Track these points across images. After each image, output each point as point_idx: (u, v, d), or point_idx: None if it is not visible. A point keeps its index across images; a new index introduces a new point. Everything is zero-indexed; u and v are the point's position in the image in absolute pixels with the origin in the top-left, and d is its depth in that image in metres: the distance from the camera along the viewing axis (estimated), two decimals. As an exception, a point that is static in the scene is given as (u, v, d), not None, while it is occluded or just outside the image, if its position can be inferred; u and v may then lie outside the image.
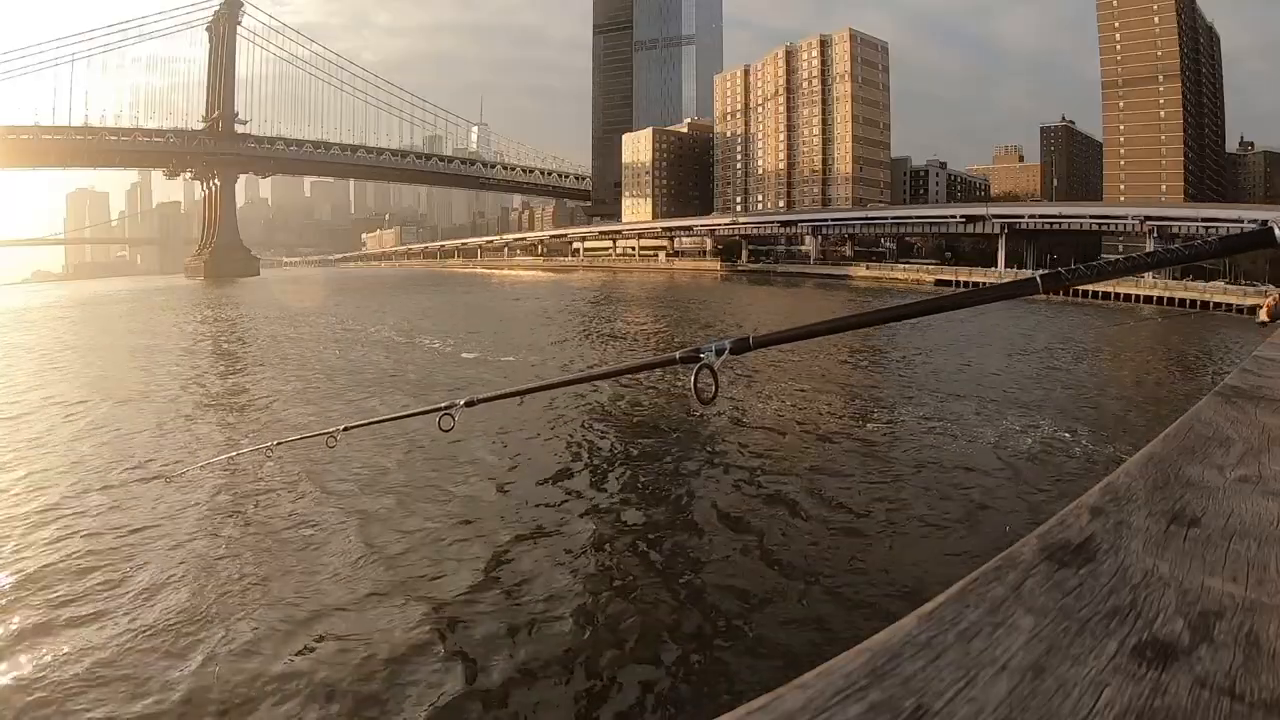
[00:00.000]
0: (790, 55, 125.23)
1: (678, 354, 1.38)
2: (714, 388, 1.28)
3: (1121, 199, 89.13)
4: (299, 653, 6.00)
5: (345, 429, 4.18)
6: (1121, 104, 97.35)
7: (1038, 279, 1.03)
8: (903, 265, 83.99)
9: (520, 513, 9.32)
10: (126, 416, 15.59)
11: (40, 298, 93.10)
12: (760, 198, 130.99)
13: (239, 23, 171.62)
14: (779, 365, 18.93)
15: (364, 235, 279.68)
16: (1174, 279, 51.33)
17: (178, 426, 14.62)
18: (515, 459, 11.54)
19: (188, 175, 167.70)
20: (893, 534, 8.57)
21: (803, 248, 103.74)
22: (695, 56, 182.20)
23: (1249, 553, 0.69)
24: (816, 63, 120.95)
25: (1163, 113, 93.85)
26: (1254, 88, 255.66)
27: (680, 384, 15.34)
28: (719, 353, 1.29)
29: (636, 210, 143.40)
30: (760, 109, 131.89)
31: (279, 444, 6.49)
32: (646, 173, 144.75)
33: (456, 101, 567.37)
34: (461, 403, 2.63)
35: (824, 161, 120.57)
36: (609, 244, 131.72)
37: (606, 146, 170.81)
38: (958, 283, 68.69)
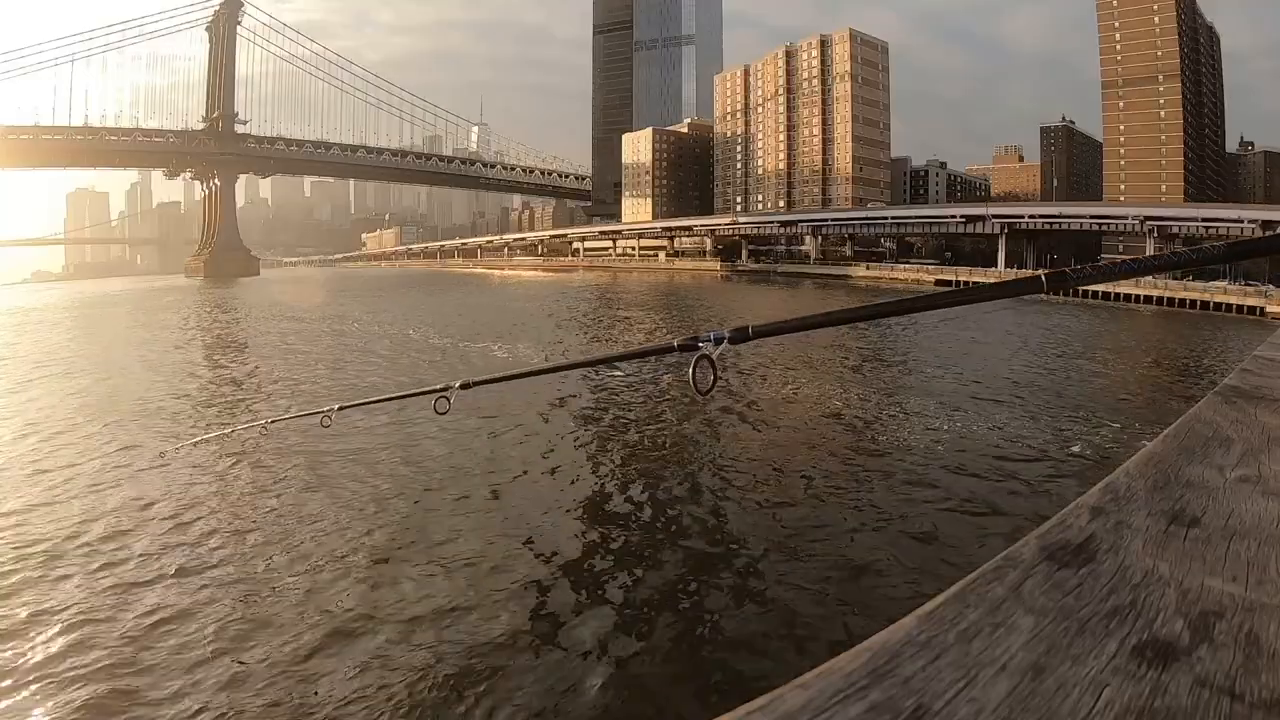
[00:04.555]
0: (790, 55, 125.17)
1: (676, 342, 1.35)
2: (712, 377, 1.25)
3: (1121, 199, 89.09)
4: (266, 635, 6.06)
5: (340, 408, 4.10)
6: (1121, 104, 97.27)
7: (1042, 277, 1.02)
8: (903, 265, 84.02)
9: (511, 498, 9.42)
10: (129, 395, 15.86)
11: (40, 298, 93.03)
12: (760, 198, 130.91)
13: (239, 22, 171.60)
14: (776, 358, 18.97)
15: (364, 235, 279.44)
16: (1174, 279, 51.30)
17: (181, 409, 14.90)
18: (508, 443, 11.63)
19: (188, 175, 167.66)
20: (888, 531, 8.61)
21: (803, 248, 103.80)
22: (695, 56, 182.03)
23: (1249, 553, 0.69)
24: (816, 63, 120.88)
25: (1163, 113, 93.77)
26: (1254, 88, 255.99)
27: (679, 372, 15.38)
28: (718, 342, 1.27)
29: (636, 210, 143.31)
30: (760, 109, 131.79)
31: (274, 421, 6.49)
32: (646, 173, 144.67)
33: (458, 100, 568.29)
34: (457, 385, 2.56)
35: (824, 161, 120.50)
36: (609, 244, 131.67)
37: (606, 146, 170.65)
38: (958, 283, 68.67)
